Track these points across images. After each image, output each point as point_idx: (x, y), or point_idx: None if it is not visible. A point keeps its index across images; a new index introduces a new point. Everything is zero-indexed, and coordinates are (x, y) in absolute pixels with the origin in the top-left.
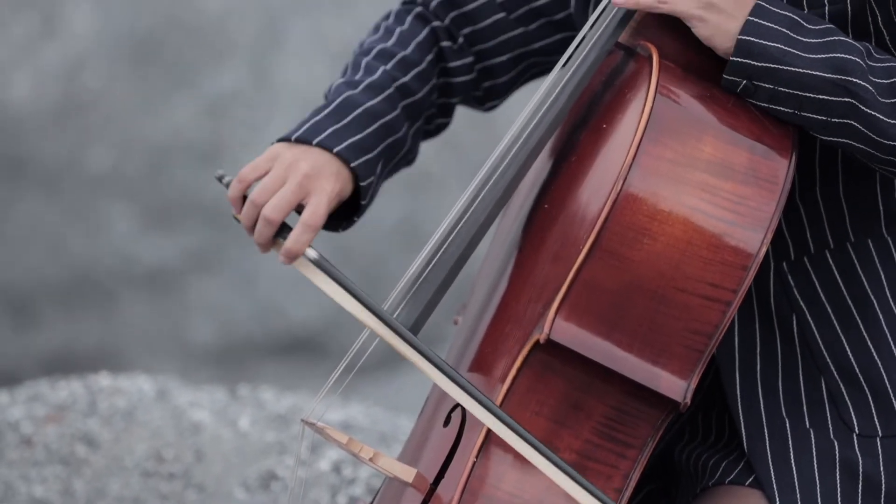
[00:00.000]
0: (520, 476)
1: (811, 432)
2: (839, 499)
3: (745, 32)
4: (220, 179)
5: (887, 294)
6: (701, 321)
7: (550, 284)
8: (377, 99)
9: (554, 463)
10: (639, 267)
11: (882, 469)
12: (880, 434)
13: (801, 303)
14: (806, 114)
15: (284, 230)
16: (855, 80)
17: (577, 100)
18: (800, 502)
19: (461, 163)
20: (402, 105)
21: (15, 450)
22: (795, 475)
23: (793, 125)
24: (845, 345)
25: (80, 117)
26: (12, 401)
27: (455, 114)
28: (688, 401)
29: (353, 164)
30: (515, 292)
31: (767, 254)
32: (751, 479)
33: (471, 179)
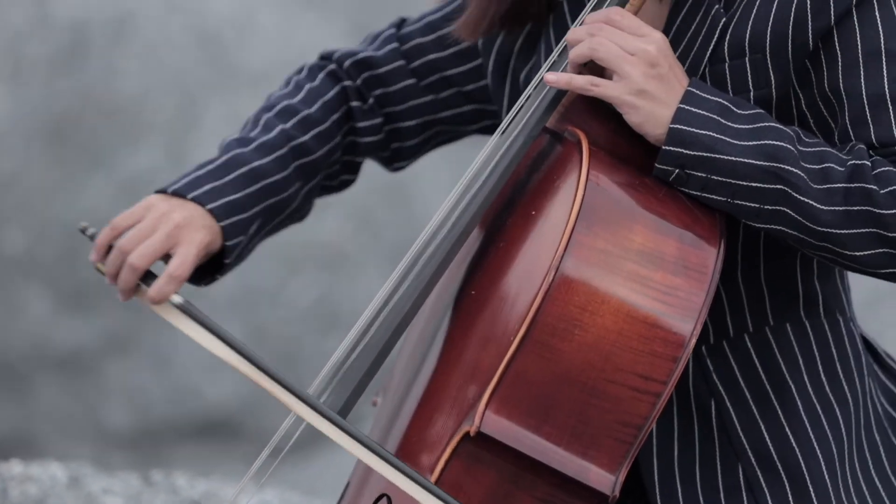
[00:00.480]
0: None
1: None
2: None
3: (676, 121)
4: (83, 231)
5: (805, 379)
6: (631, 413)
7: (480, 374)
8: (267, 159)
9: None
10: (570, 358)
11: None
12: None
13: (720, 387)
14: (739, 202)
15: (149, 278)
16: (787, 167)
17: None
18: None
19: (377, 243)
20: (296, 165)
21: None
22: None
23: (722, 212)
24: (763, 430)
25: None
26: None
27: (371, 192)
28: (616, 493)
29: (222, 224)
30: (443, 378)
31: None
32: None
33: (386, 259)
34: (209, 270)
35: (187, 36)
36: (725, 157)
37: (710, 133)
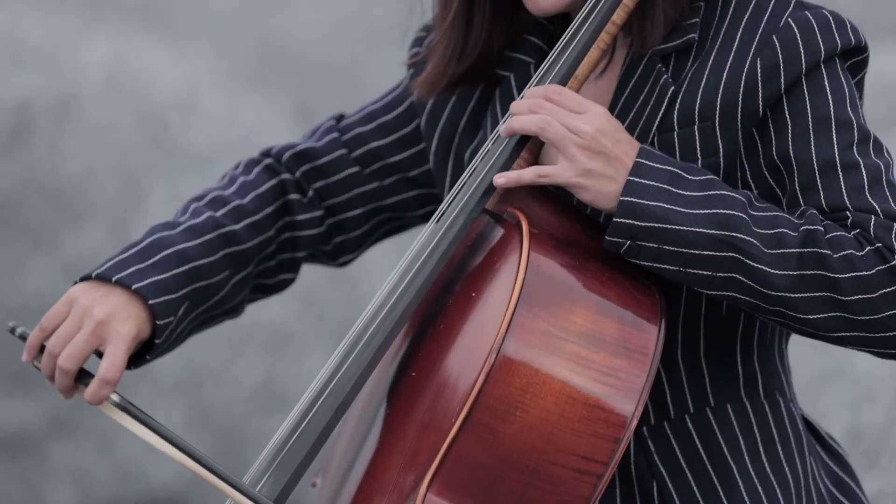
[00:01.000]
0: None
1: None
2: None
3: (626, 193)
4: (12, 332)
5: (746, 460)
6: (573, 494)
7: (421, 455)
8: (194, 242)
9: None
10: (512, 440)
11: None
12: None
13: (661, 468)
14: (691, 270)
15: (85, 377)
16: (739, 234)
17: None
18: None
19: (322, 322)
20: (225, 253)
21: None
22: None
23: (662, 293)
24: None
25: None
26: None
27: (315, 273)
28: None
29: (150, 302)
30: (383, 460)
31: None
32: None
33: (332, 339)
34: (140, 353)
35: (131, 117)
36: (677, 227)
37: (661, 203)
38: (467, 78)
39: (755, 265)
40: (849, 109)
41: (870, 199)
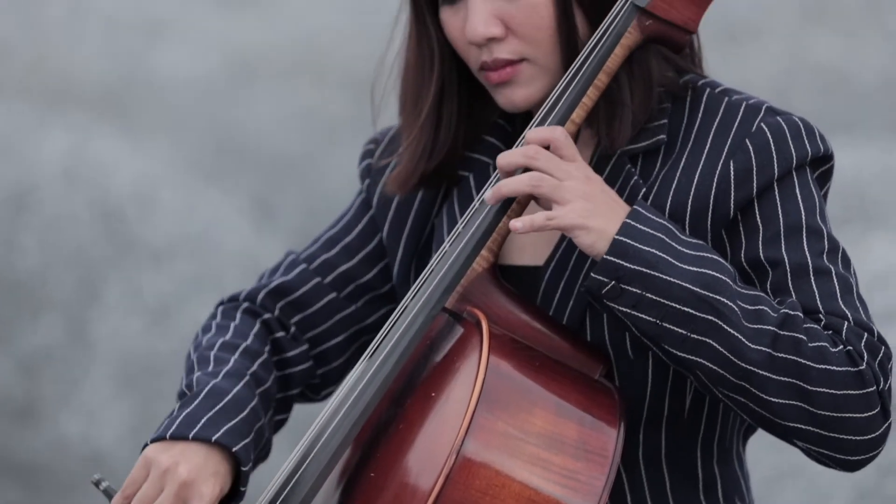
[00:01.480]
0: None
1: None
2: None
3: (621, 233)
4: (97, 485)
5: None
6: None
7: None
8: (239, 385)
9: None
10: None
11: None
12: None
13: None
14: (667, 325)
15: None
16: (723, 299)
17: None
18: None
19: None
20: (258, 392)
21: None
22: None
23: (622, 397)
24: None
25: None
26: None
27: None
28: None
29: (234, 449)
30: None
31: None
32: None
33: (292, 440)
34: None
35: (89, 211)
36: (664, 277)
37: (653, 250)
38: (437, 175)
39: (731, 332)
40: (818, 218)
41: (842, 306)
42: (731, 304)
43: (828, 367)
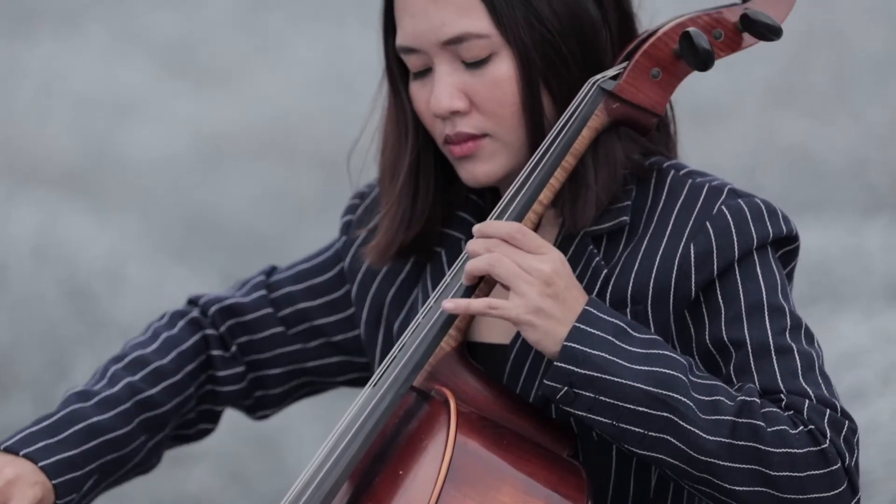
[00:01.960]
0: None
1: None
2: None
3: (570, 339)
4: None
5: None
6: None
7: None
8: (108, 414)
9: None
10: None
11: None
12: None
13: None
14: (624, 425)
15: None
16: (676, 395)
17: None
18: None
19: (248, 495)
20: (141, 419)
21: None
22: None
23: (587, 474)
24: None
25: None
26: None
27: (241, 444)
28: None
29: (54, 482)
30: None
31: None
32: None
33: None
34: None
35: (57, 289)
36: (615, 379)
37: (603, 354)
38: (415, 246)
39: (688, 427)
40: (780, 296)
41: (803, 384)
42: (685, 400)
43: (788, 451)
